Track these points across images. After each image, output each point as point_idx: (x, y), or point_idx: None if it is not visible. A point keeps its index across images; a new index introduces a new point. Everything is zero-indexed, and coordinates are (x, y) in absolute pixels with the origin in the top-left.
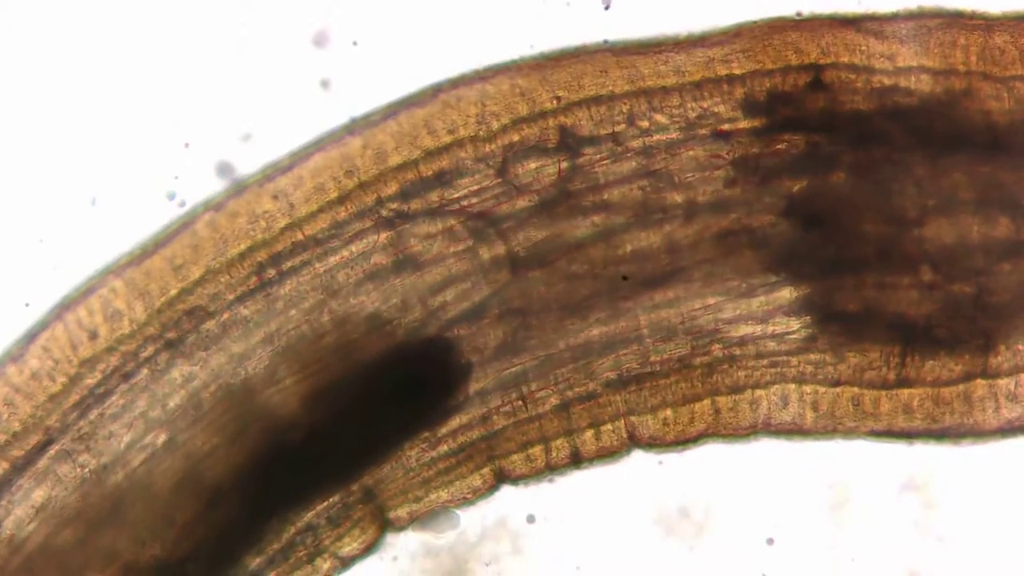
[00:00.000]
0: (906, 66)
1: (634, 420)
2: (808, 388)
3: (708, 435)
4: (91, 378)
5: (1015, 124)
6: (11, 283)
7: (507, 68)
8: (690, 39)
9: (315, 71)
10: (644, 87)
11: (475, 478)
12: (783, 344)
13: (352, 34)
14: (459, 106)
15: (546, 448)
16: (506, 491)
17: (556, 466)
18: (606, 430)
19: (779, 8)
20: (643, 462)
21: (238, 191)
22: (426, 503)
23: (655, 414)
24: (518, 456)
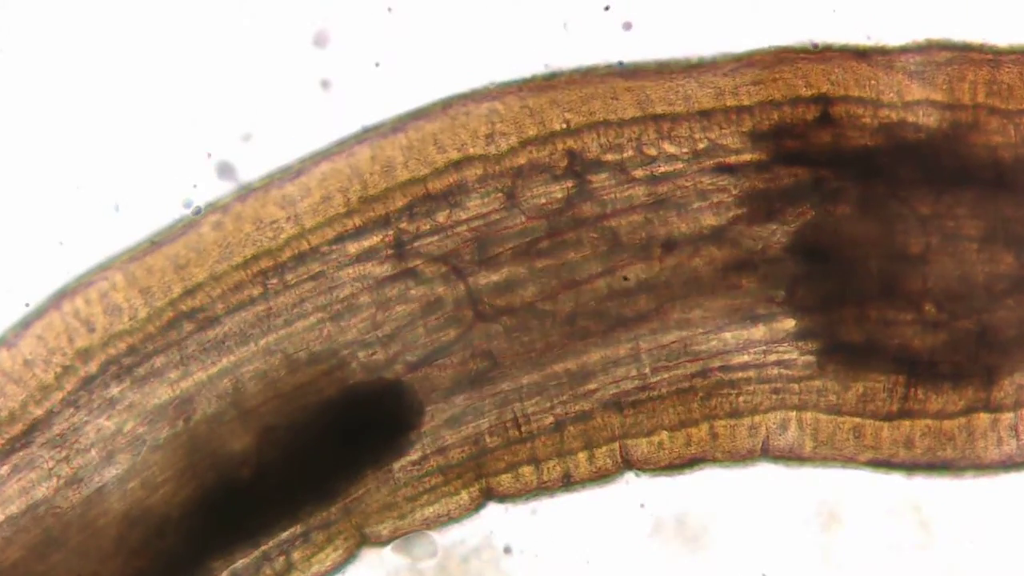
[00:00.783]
0: (914, 100)
1: (629, 443)
2: (809, 415)
3: (704, 460)
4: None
5: (1021, 160)
6: (26, 284)
7: (517, 87)
8: (701, 64)
9: (315, 71)
10: (653, 113)
11: (462, 495)
12: (785, 371)
13: (366, 48)
14: (468, 123)
15: (537, 469)
16: (485, 519)
17: (547, 487)
18: (600, 453)
19: (790, 35)
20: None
21: (242, 196)
22: (410, 520)
23: (650, 437)
24: (508, 476)
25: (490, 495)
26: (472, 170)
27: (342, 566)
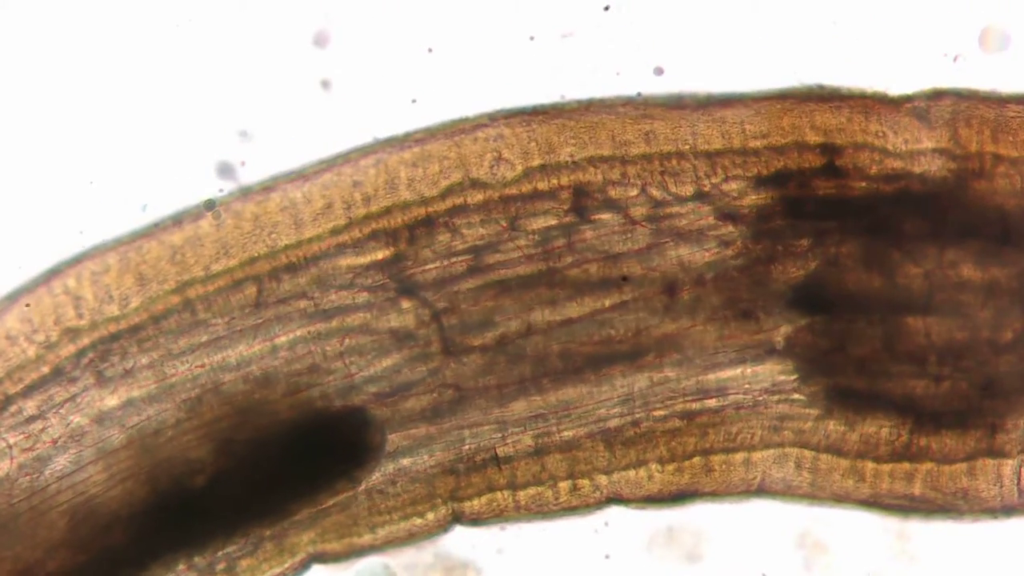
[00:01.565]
0: (919, 149)
1: (616, 476)
2: (808, 454)
3: (697, 494)
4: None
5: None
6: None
7: (524, 114)
8: (710, 100)
9: (315, 71)
10: (659, 152)
11: (427, 517)
12: (783, 408)
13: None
14: (474, 147)
15: (514, 495)
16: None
17: (521, 513)
18: (583, 484)
19: (783, 76)
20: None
21: (244, 196)
22: (368, 538)
23: (638, 470)
24: (481, 500)
25: (459, 519)
26: (474, 196)
27: None
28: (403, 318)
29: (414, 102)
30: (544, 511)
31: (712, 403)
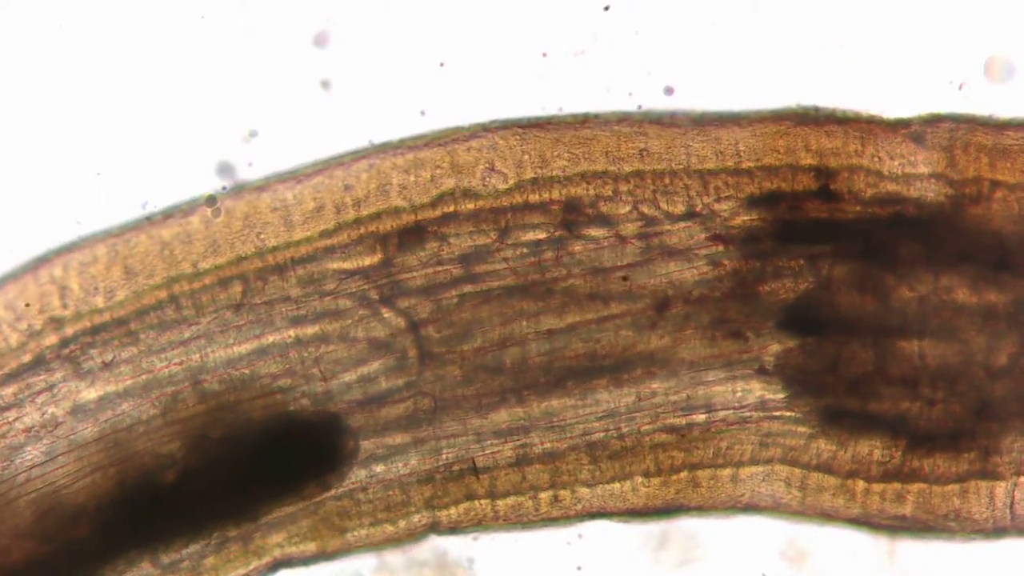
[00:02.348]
0: (915, 173)
1: (600, 488)
2: (798, 471)
3: (683, 508)
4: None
5: (1022, 237)
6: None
7: (519, 125)
8: (705, 119)
9: (315, 71)
10: (653, 169)
11: (402, 523)
12: (773, 426)
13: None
14: (468, 157)
15: (493, 504)
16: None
17: (502, 522)
18: (564, 496)
19: (790, 98)
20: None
21: (236, 194)
22: (336, 543)
23: (622, 483)
24: (459, 508)
25: (436, 528)
26: (465, 205)
27: None
28: (384, 326)
29: (423, 114)
30: (524, 521)
31: (700, 418)
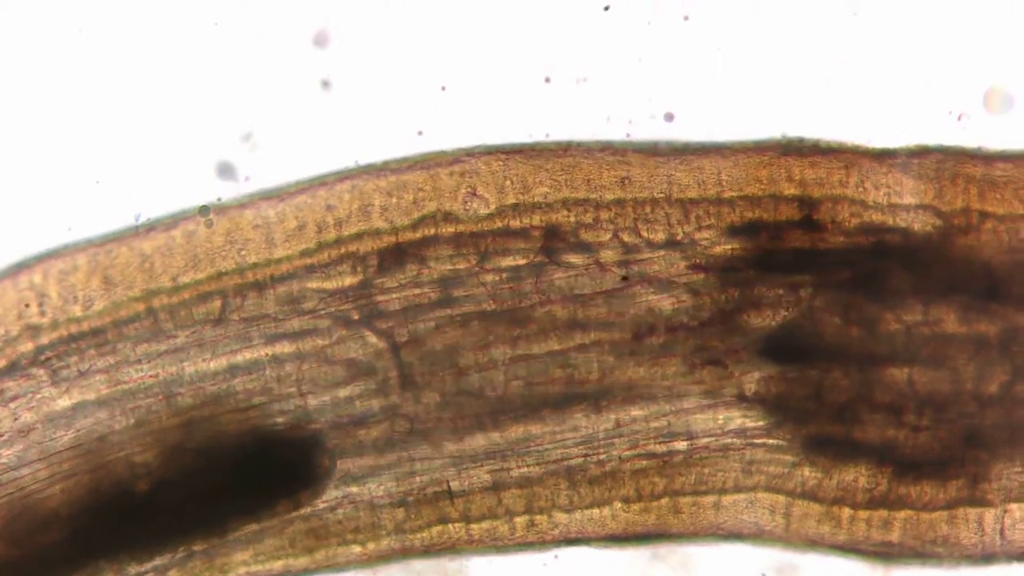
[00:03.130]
0: (902, 204)
1: (578, 514)
2: (782, 498)
3: (664, 535)
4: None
5: (1013, 266)
6: None
7: (502, 151)
8: (688, 148)
9: (315, 71)
10: (635, 197)
11: (371, 545)
12: (757, 453)
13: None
14: (450, 181)
15: (467, 527)
16: None
17: (476, 545)
18: (541, 520)
19: (774, 127)
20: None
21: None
22: (305, 562)
23: (601, 508)
24: (432, 531)
25: (408, 553)
26: (445, 229)
27: None
28: (362, 347)
29: (420, 134)
30: (498, 545)
31: (682, 445)
